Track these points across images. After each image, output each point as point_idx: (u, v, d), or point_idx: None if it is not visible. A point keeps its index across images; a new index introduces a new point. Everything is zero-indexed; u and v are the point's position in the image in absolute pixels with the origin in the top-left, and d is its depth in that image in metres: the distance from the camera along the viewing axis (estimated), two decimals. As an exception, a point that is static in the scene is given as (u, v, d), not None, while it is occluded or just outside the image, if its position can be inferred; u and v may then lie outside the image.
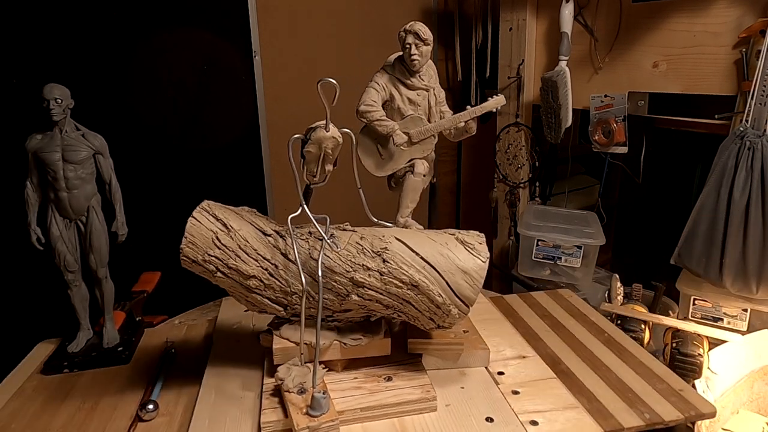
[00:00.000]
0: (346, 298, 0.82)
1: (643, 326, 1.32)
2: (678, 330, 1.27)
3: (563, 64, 1.62)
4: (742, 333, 1.28)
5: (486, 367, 0.94)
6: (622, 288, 1.53)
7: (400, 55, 0.96)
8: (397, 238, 0.84)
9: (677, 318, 1.39)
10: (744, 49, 1.31)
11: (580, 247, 1.61)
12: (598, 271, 1.76)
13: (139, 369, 1.00)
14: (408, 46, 0.92)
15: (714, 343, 1.22)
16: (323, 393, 0.76)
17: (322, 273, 0.81)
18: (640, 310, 1.39)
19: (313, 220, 0.84)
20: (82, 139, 0.99)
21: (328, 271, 0.81)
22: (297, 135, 0.82)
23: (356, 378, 0.87)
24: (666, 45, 1.48)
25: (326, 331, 0.87)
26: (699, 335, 1.24)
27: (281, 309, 0.85)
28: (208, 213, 0.82)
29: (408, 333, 0.93)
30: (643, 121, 1.63)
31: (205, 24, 1.55)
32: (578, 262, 1.62)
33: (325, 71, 0.80)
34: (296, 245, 0.82)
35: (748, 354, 1.16)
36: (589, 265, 1.63)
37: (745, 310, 1.31)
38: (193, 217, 0.81)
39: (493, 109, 0.96)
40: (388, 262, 0.81)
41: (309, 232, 0.85)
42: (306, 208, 0.85)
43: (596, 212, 1.76)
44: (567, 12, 1.59)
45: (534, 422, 0.80)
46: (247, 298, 0.85)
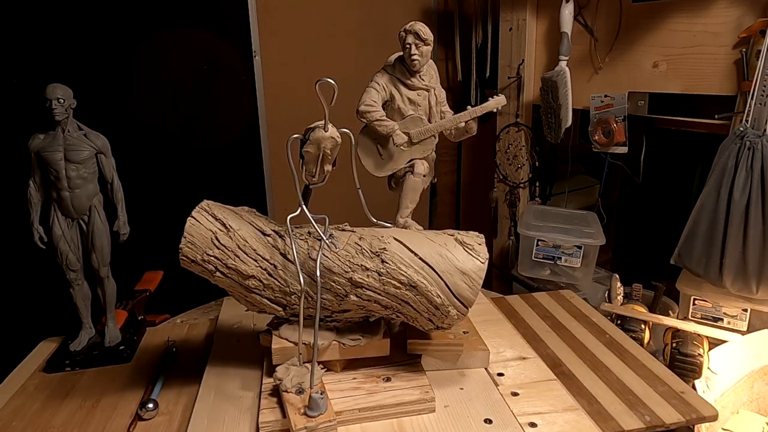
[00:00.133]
0: (344, 298, 0.82)
1: (643, 326, 1.32)
2: (678, 330, 1.27)
3: (563, 64, 1.62)
4: (742, 333, 1.28)
5: (486, 368, 0.94)
6: (622, 288, 1.53)
7: (401, 55, 0.95)
8: (395, 239, 0.84)
9: (677, 318, 1.39)
10: (744, 49, 1.31)
11: (580, 247, 1.61)
12: (598, 271, 1.76)
13: (140, 368, 1.00)
14: (408, 46, 0.92)
15: (714, 343, 1.22)
16: (321, 393, 0.76)
17: (320, 273, 0.81)
18: (640, 310, 1.39)
19: (312, 220, 0.84)
20: (85, 139, 0.99)
21: (326, 272, 0.82)
22: (296, 135, 0.82)
23: (355, 378, 0.87)
24: (666, 45, 1.48)
25: (325, 332, 0.87)
26: (699, 335, 1.24)
27: (280, 309, 0.86)
28: (207, 213, 0.82)
29: (407, 334, 0.93)
30: (643, 121, 1.63)
31: (205, 24, 1.55)
32: (578, 262, 1.63)
33: (325, 71, 0.80)
34: (295, 245, 0.82)
35: (748, 354, 1.16)
36: (589, 265, 1.63)
37: (745, 310, 1.31)
38: (192, 217, 0.81)
39: (494, 110, 0.96)
40: (387, 263, 0.81)
41: (308, 232, 0.85)
42: (305, 208, 0.85)
43: (596, 212, 1.76)
44: (567, 12, 1.59)
45: (533, 424, 0.80)
46: (247, 298, 0.85)
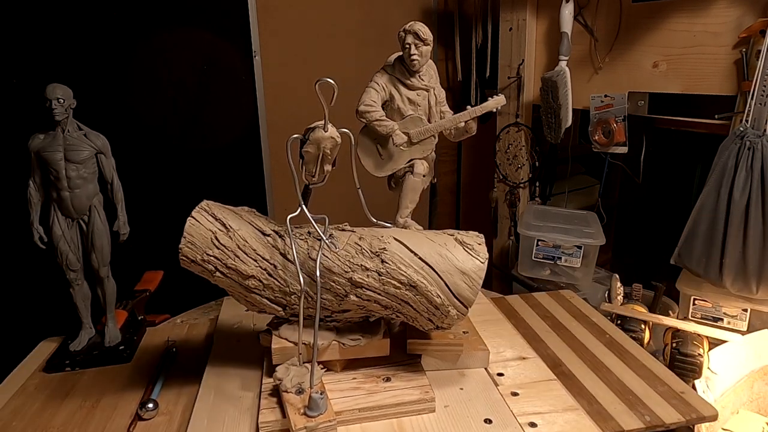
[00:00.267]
0: (344, 298, 0.82)
1: (643, 326, 1.32)
2: (678, 330, 1.27)
3: (563, 64, 1.62)
4: (742, 333, 1.28)
5: (486, 368, 0.94)
6: (622, 288, 1.53)
7: (400, 55, 0.95)
8: (395, 239, 0.84)
9: (677, 318, 1.39)
10: (744, 49, 1.31)
11: (580, 247, 1.61)
12: (598, 271, 1.76)
13: (140, 368, 1.00)
14: (408, 46, 0.92)
15: (714, 343, 1.22)
16: (321, 393, 0.76)
17: (320, 273, 0.81)
18: (640, 310, 1.39)
19: (312, 220, 0.84)
20: (85, 139, 0.99)
21: (326, 272, 0.82)
22: (296, 135, 0.82)
23: (355, 378, 0.87)
24: (666, 45, 1.48)
25: (325, 332, 0.87)
26: (699, 335, 1.24)
27: (280, 309, 0.86)
28: (207, 213, 0.82)
29: (407, 333, 0.93)
30: (643, 121, 1.63)
31: (205, 24, 1.55)
32: (578, 262, 1.62)
33: (325, 71, 0.80)
34: (295, 245, 0.82)
35: (748, 354, 1.16)
36: (589, 265, 1.63)
37: (745, 310, 1.31)
38: (192, 217, 0.81)
39: (494, 109, 0.96)
40: (387, 263, 0.81)
41: (308, 232, 0.85)
42: (305, 208, 0.85)
43: (596, 212, 1.76)
44: (567, 12, 1.59)
45: (533, 424, 0.80)
46: (246, 298, 0.85)
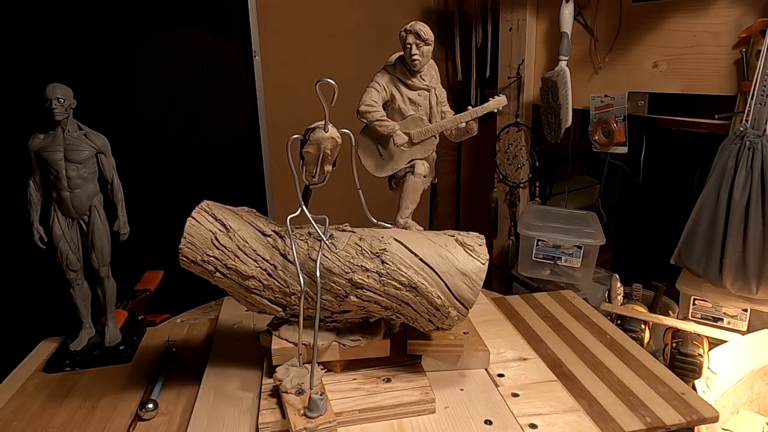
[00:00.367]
0: (344, 299, 0.82)
1: (643, 326, 1.32)
2: (678, 330, 1.27)
3: (563, 64, 1.62)
4: (742, 333, 1.28)
5: (486, 369, 0.94)
6: (622, 288, 1.53)
7: (401, 55, 0.95)
8: (396, 240, 0.84)
9: (677, 318, 1.39)
10: (744, 49, 1.31)
11: (580, 247, 1.61)
12: (598, 271, 1.76)
13: (141, 368, 1.00)
14: (408, 46, 0.92)
15: (714, 343, 1.22)
16: (321, 394, 0.76)
17: (320, 274, 0.81)
18: (640, 310, 1.39)
19: (312, 220, 0.84)
20: (85, 139, 0.99)
21: (326, 272, 0.81)
22: (296, 135, 0.82)
23: (355, 379, 0.87)
24: (666, 45, 1.48)
25: (325, 332, 0.87)
26: (699, 335, 1.24)
27: (280, 309, 0.85)
28: (207, 213, 0.82)
29: (407, 334, 0.93)
30: (643, 121, 1.63)
31: (205, 24, 1.55)
32: (578, 262, 1.63)
33: (325, 71, 0.80)
34: (295, 246, 0.82)
35: (748, 354, 1.16)
36: (589, 265, 1.63)
37: (745, 310, 1.31)
38: (192, 217, 0.81)
39: (494, 110, 0.96)
40: (387, 264, 0.81)
41: (308, 232, 0.85)
42: (305, 208, 0.85)
43: (596, 212, 1.76)
44: (567, 12, 1.59)
45: (533, 425, 0.80)
46: (246, 299, 0.85)
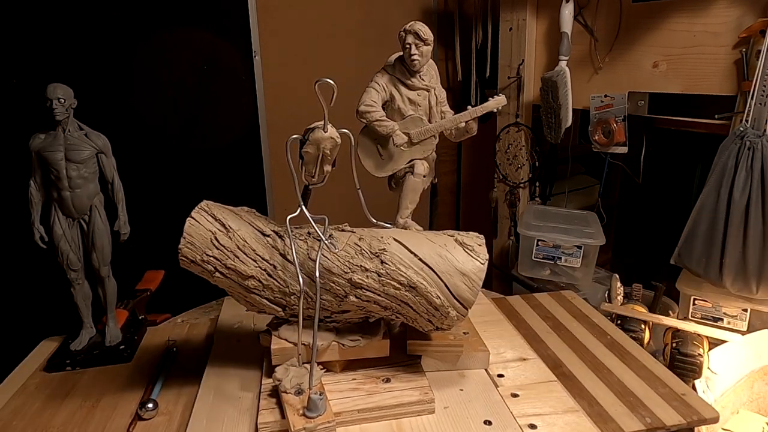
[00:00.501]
0: (344, 299, 0.82)
1: (643, 326, 1.32)
2: (678, 330, 1.27)
3: (563, 64, 1.62)
4: (742, 333, 1.28)
5: (486, 369, 0.94)
6: (622, 288, 1.53)
7: (401, 55, 0.95)
8: (395, 240, 0.84)
9: (677, 318, 1.39)
10: (744, 49, 1.31)
11: (580, 247, 1.61)
12: (598, 271, 1.76)
13: (141, 367, 1.00)
14: (408, 46, 0.92)
15: (714, 343, 1.22)
16: (320, 394, 0.76)
17: (320, 274, 0.81)
18: (640, 310, 1.39)
19: (312, 220, 0.84)
20: (85, 139, 0.99)
21: (326, 272, 0.81)
22: (295, 135, 0.82)
23: (354, 379, 0.87)
24: (666, 45, 1.48)
25: (324, 332, 0.87)
26: (699, 335, 1.24)
27: (280, 309, 0.86)
28: (206, 213, 0.82)
29: (407, 334, 0.93)
30: (643, 121, 1.63)
31: (205, 24, 1.55)
32: (578, 262, 1.63)
33: (325, 71, 0.80)
34: (295, 246, 0.82)
35: (748, 354, 1.16)
36: (589, 265, 1.63)
37: (745, 310, 1.31)
38: (192, 217, 0.81)
39: (494, 110, 0.96)
40: (386, 264, 0.81)
41: (308, 232, 0.85)
42: (305, 208, 0.85)
43: (596, 212, 1.76)
44: (567, 12, 1.59)
45: (533, 426, 0.80)
46: (246, 299, 0.85)
